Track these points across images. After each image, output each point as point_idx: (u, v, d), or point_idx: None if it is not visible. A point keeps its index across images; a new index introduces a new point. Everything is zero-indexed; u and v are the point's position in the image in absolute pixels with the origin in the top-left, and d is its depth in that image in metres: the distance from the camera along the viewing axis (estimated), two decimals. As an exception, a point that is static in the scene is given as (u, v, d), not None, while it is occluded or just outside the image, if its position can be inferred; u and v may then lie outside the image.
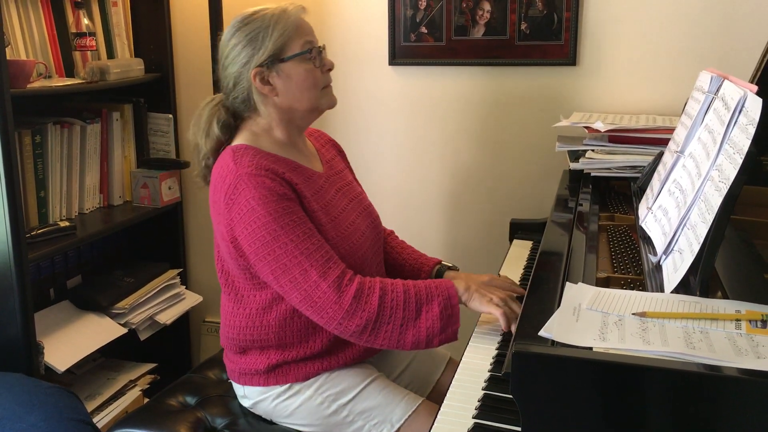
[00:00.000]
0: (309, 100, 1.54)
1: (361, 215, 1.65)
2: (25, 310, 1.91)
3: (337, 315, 1.40)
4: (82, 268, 2.42)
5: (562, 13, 2.17)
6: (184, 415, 1.62)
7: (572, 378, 0.80)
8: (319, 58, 1.54)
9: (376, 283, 1.44)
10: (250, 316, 1.54)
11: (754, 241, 1.55)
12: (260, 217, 1.41)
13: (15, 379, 1.81)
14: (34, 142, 2.09)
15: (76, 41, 2.23)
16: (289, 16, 1.52)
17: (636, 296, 1.02)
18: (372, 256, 1.64)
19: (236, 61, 1.52)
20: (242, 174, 1.43)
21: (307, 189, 1.51)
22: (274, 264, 1.42)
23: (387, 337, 1.42)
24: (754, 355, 0.82)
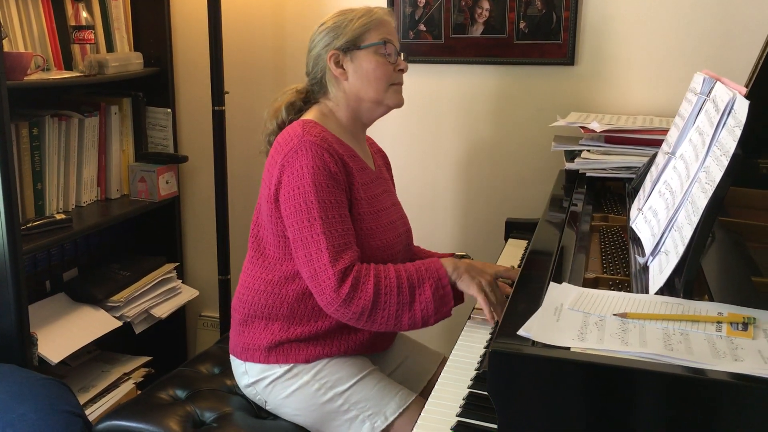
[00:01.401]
0: (375, 92, 1.61)
1: (400, 220, 1.73)
2: (18, 302, 1.92)
3: (335, 302, 1.45)
4: (79, 260, 2.43)
5: (561, 13, 2.16)
6: (174, 408, 1.62)
7: (548, 377, 0.80)
8: (394, 56, 1.62)
9: (370, 271, 1.48)
10: (270, 283, 1.59)
11: (748, 244, 1.55)
12: (305, 185, 1.47)
13: (7, 370, 1.82)
14: (31, 135, 2.10)
15: (75, 34, 2.23)
16: (375, 12, 1.64)
17: (619, 297, 1.02)
18: (401, 258, 1.69)
19: (319, 45, 1.64)
20: (307, 141, 1.50)
21: (360, 178, 1.59)
22: (299, 233, 1.48)
23: (384, 321, 1.47)
24: (731, 358, 0.81)
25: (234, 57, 2.50)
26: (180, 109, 2.61)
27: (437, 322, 1.49)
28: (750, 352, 0.83)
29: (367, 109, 1.65)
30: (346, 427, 1.56)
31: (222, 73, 2.34)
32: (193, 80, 2.58)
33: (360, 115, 1.66)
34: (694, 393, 0.76)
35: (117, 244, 2.59)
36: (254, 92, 2.54)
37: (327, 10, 2.38)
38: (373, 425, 1.53)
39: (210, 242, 2.56)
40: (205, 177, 2.59)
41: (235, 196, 2.59)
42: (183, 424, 1.57)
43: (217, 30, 2.30)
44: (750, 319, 0.92)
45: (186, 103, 2.61)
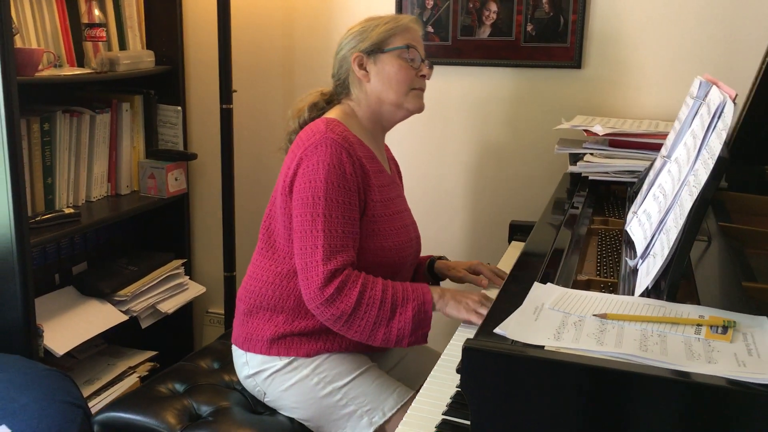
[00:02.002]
0: (396, 94, 1.65)
1: (412, 225, 1.76)
2: (25, 294, 1.95)
3: (318, 299, 1.48)
4: (88, 255, 2.46)
5: (569, 16, 2.16)
6: (172, 402, 1.65)
7: (517, 375, 0.80)
8: (416, 62, 1.66)
9: (359, 279, 1.50)
10: (278, 275, 1.61)
11: (748, 250, 1.54)
12: (318, 180, 1.51)
13: (12, 360, 1.85)
14: (42, 130, 2.13)
15: (87, 32, 2.27)
16: (401, 19, 1.69)
17: (603, 298, 1.02)
18: (409, 266, 1.73)
19: (345, 47, 1.69)
20: (329, 138, 1.54)
21: (376, 180, 1.62)
22: (300, 225, 1.52)
23: (359, 330, 1.50)
24: (705, 360, 0.81)
25: (243, 56, 2.53)
26: (190, 107, 2.64)
27: (411, 345, 1.52)
28: (725, 355, 0.83)
29: (387, 112, 1.68)
30: (344, 421, 1.57)
31: (230, 72, 2.36)
32: (204, 79, 2.61)
33: (380, 117, 1.70)
34: (659, 393, 0.76)
35: (126, 239, 2.62)
36: (262, 91, 2.57)
37: (335, 11, 2.41)
38: (371, 420, 1.55)
39: (218, 239, 2.59)
40: (214, 174, 2.62)
41: (242, 194, 2.61)
42: (179, 417, 1.59)
43: (226, 30, 2.33)
44: (730, 322, 0.91)
45: (196, 101, 2.64)
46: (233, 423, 1.56)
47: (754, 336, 0.89)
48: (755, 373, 0.78)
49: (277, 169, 2.55)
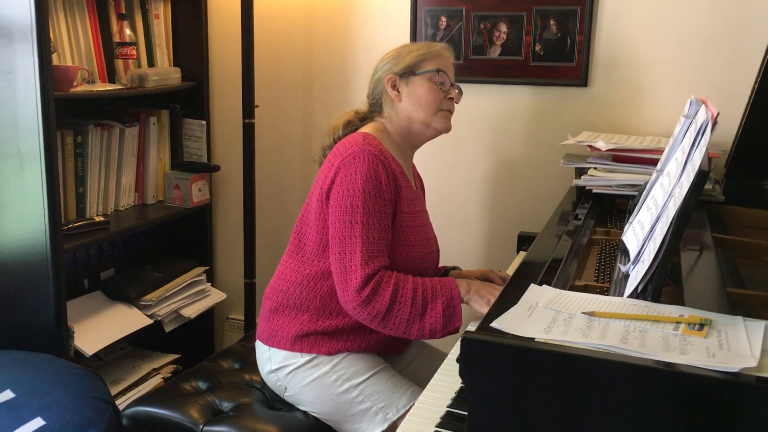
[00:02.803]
0: (425, 114, 1.77)
1: (433, 239, 1.87)
2: (58, 297, 2.06)
3: (355, 300, 1.59)
4: (116, 261, 2.58)
5: (575, 37, 2.26)
6: (195, 398, 1.75)
7: (508, 363, 0.90)
8: (446, 85, 1.78)
9: (391, 278, 1.60)
10: (306, 277, 1.71)
11: (741, 260, 1.63)
12: (356, 189, 1.62)
13: (46, 359, 1.96)
14: (75, 142, 2.26)
15: (119, 50, 2.40)
16: (434, 46, 1.81)
17: (593, 299, 1.11)
18: (431, 272, 1.83)
19: (381, 70, 1.82)
20: (366, 150, 1.65)
21: (406, 193, 1.72)
22: (339, 232, 1.62)
23: (394, 327, 1.60)
24: (679, 352, 0.90)
25: (264, 74, 2.65)
26: (214, 121, 2.76)
27: (444, 337, 1.61)
28: (698, 348, 0.92)
29: (416, 130, 1.80)
30: (360, 417, 1.67)
31: (253, 88, 2.48)
32: (227, 94, 2.73)
33: (410, 135, 1.81)
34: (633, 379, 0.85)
35: (151, 246, 2.74)
36: (282, 107, 2.68)
37: (352, 32, 2.53)
38: (386, 416, 1.64)
39: (239, 248, 2.70)
40: (236, 186, 2.73)
41: (263, 205, 2.73)
42: (203, 412, 1.69)
43: (249, 48, 2.45)
44: (707, 320, 1.00)
45: (219, 116, 2.76)
46: (253, 418, 1.66)
47: (728, 333, 0.97)
48: (721, 363, 0.86)
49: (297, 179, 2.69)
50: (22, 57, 1.91)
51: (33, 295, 2.06)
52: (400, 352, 1.89)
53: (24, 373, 1.85)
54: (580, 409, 0.89)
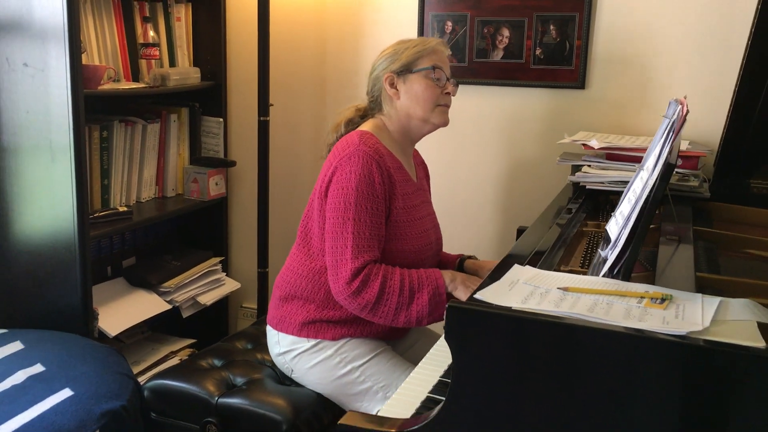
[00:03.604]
0: (423, 110, 1.84)
1: (433, 228, 1.95)
2: (84, 281, 2.20)
3: (345, 292, 1.69)
4: (137, 250, 2.73)
5: (574, 41, 2.38)
6: (211, 373, 1.89)
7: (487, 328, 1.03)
8: (442, 80, 1.84)
9: (380, 271, 1.70)
10: (312, 270, 1.82)
11: (722, 252, 1.74)
12: (349, 188, 1.71)
13: (73, 338, 2.11)
14: (101, 137, 2.41)
15: (143, 51, 2.55)
16: (430, 42, 1.87)
17: (570, 278, 1.24)
18: (429, 262, 1.92)
19: (378, 68, 1.88)
20: (361, 150, 1.73)
21: (401, 188, 1.81)
22: (332, 227, 1.72)
23: (383, 316, 1.70)
24: (637, 320, 1.02)
25: (279, 74, 2.79)
26: (231, 118, 2.90)
27: (431, 323, 1.73)
28: (656, 317, 1.04)
29: (415, 126, 1.87)
30: (362, 396, 1.79)
31: (268, 87, 2.62)
32: (243, 93, 2.87)
33: (409, 130, 1.89)
34: (592, 341, 0.98)
35: (170, 237, 2.89)
36: (296, 105, 2.82)
37: (363, 36, 2.66)
38: (386, 395, 1.76)
39: (253, 240, 2.84)
40: (251, 180, 2.87)
41: (276, 198, 2.86)
42: (218, 385, 1.83)
43: (265, 50, 2.59)
44: (668, 296, 1.12)
45: (236, 114, 2.91)
46: (264, 391, 1.79)
47: (686, 306, 1.09)
48: (672, 328, 0.99)
49: (309, 175, 2.83)
50: (55, 56, 2.05)
51: (61, 279, 2.20)
52: (401, 337, 2.00)
53: (53, 350, 1.99)
54: (547, 369, 1.01)
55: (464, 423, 1.06)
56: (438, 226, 2.01)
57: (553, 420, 1.02)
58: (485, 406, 1.05)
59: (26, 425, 1.61)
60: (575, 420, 1.01)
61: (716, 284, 1.40)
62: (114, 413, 1.75)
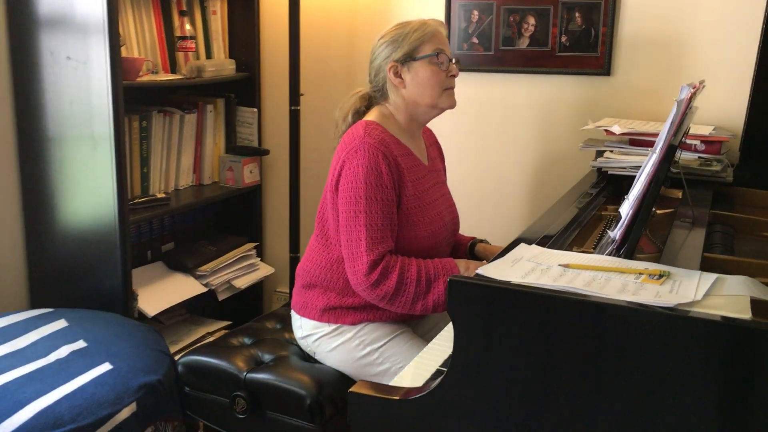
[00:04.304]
0: (430, 97, 1.85)
1: (447, 210, 1.98)
2: (124, 263, 2.31)
3: (364, 284, 1.74)
4: (175, 236, 2.84)
5: (599, 28, 2.40)
6: (241, 350, 1.98)
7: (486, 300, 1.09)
8: (446, 64, 1.84)
9: (397, 263, 1.74)
10: (330, 260, 1.88)
11: (740, 235, 1.76)
12: (357, 181, 1.74)
13: (113, 317, 2.22)
14: (141, 127, 2.52)
15: (180, 43, 2.65)
16: (429, 26, 1.85)
17: (574, 255, 1.28)
18: (445, 245, 1.95)
19: (380, 56, 1.87)
20: (366, 142, 1.76)
21: (410, 175, 1.84)
22: (345, 221, 1.76)
23: (401, 305, 1.75)
24: (631, 294, 1.07)
25: (310, 64, 2.86)
26: (264, 109, 2.99)
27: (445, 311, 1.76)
28: (650, 291, 1.08)
29: (423, 112, 1.89)
30: (380, 376, 1.84)
31: (298, 77, 2.70)
32: (276, 85, 2.95)
33: (417, 116, 1.90)
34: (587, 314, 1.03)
35: (207, 223, 3.00)
36: (326, 95, 2.90)
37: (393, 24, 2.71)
38: None
39: (286, 226, 2.93)
40: (283, 168, 2.96)
41: (308, 186, 2.95)
42: (247, 361, 1.92)
43: (295, 41, 2.67)
44: (665, 272, 1.16)
45: (270, 104, 3.00)
46: (289, 368, 1.87)
47: (682, 282, 1.13)
48: (662, 301, 1.03)
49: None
50: (96, 50, 2.16)
51: (103, 261, 2.32)
52: (420, 318, 2.02)
53: (94, 328, 2.10)
54: (542, 340, 1.06)
55: (464, 392, 1.12)
56: (453, 206, 2.03)
57: (549, 389, 1.07)
58: (484, 376, 1.11)
59: (68, 395, 1.72)
60: (569, 389, 1.06)
61: (725, 265, 1.43)
62: (150, 386, 1.84)
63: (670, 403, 1.00)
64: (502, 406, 1.10)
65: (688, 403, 0.99)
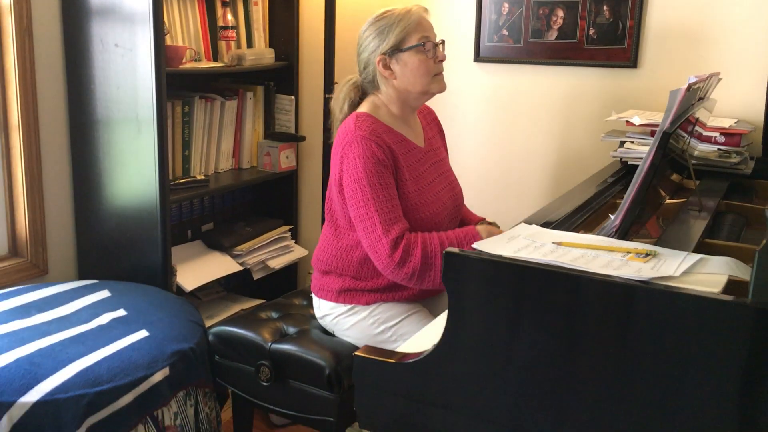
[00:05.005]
0: (421, 85, 1.90)
1: (446, 188, 2.03)
2: (164, 240, 2.45)
3: (390, 265, 1.81)
4: (214, 217, 2.99)
5: (627, 21, 2.44)
6: (268, 323, 2.10)
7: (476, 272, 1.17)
8: (432, 51, 1.88)
9: (418, 239, 1.81)
10: (340, 248, 1.97)
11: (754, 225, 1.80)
12: (358, 173, 1.81)
13: (153, 290, 2.36)
14: (183, 112, 2.65)
15: (222, 33, 2.78)
16: (412, 15, 1.89)
17: (569, 235, 1.35)
18: (447, 223, 2.01)
19: (367, 49, 1.93)
20: (358, 135, 1.83)
21: (405, 160, 1.91)
22: (356, 212, 1.84)
23: (430, 280, 1.81)
24: (613, 270, 1.14)
25: (345, 54, 2.95)
26: (302, 96, 3.10)
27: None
28: (633, 267, 1.15)
29: (414, 99, 1.95)
30: None
31: (333, 66, 2.80)
32: (313, 74, 3.06)
33: (409, 103, 1.96)
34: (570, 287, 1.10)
35: (244, 205, 3.13)
36: (363, 85, 2.99)
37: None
38: None
39: (319, 211, 3.04)
40: (318, 154, 3.06)
41: (343, 172, 3.04)
42: (272, 333, 2.03)
43: (331, 32, 2.77)
44: (652, 252, 1.23)
45: (307, 92, 3.11)
46: (311, 341, 1.98)
47: (667, 260, 1.20)
48: (639, 275, 1.10)
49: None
50: (141, 38, 2.30)
51: (145, 237, 2.47)
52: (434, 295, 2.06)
53: (135, 299, 2.25)
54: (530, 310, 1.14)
55: (457, 357, 1.21)
56: (454, 182, 2.06)
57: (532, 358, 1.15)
58: (475, 343, 1.19)
59: (107, 357, 1.86)
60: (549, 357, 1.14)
61: (725, 250, 1.47)
62: (183, 353, 1.98)
63: (638, 369, 1.07)
64: (489, 373, 1.18)
65: (651, 369, 1.06)
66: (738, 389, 1.02)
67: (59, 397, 1.72)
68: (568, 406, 1.12)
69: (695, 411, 1.04)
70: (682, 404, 1.04)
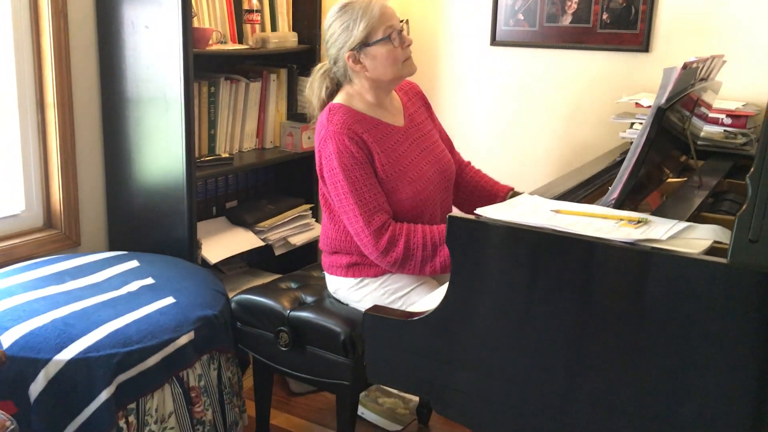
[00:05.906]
0: (392, 73, 1.97)
1: (430, 162, 2.09)
2: (191, 214, 2.55)
3: (374, 253, 1.92)
4: (238, 194, 3.10)
5: (639, 6, 2.50)
6: (287, 292, 2.20)
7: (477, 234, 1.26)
8: (398, 39, 1.94)
9: (402, 230, 1.90)
10: (339, 232, 2.07)
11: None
12: (335, 167, 1.90)
13: (179, 261, 2.48)
14: (209, 92, 2.76)
15: (247, 16, 2.88)
16: (373, 8, 1.92)
17: (569, 204, 1.43)
18: (436, 196, 2.07)
19: (335, 45, 1.99)
20: (330, 131, 1.92)
21: (381, 145, 1.96)
22: (338, 204, 1.95)
23: (411, 269, 1.92)
24: (604, 234, 1.22)
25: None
26: (324, 79, 3.19)
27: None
28: (623, 232, 1.23)
29: (387, 85, 2.01)
30: None
31: (354, 50, 2.89)
32: (336, 56, 3.15)
33: (382, 89, 2.01)
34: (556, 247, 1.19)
35: (267, 184, 3.24)
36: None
37: (441, 5, 2.86)
38: None
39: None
40: (340, 136, 3.16)
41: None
42: (291, 302, 2.14)
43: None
44: (644, 219, 1.31)
45: (329, 75, 3.19)
46: (327, 309, 2.09)
47: (657, 226, 1.27)
48: (627, 238, 1.18)
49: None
50: (170, 20, 2.40)
51: (172, 211, 2.58)
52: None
53: (162, 269, 2.37)
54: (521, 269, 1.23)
55: (458, 314, 1.30)
56: (441, 155, 2.09)
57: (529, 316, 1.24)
58: (475, 302, 1.28)
59: (136, 320, 1.98)
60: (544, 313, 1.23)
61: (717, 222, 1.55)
62: (207, 319, 2.09)
63: (623, 322, 1.15)
64: (488, 332, 1.28)
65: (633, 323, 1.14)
66: (714, 346, 1.10)
67: (92, 355, 1.84)
68: (554, 351, 1.21)
69: (672, 359, 1.12)
70: (661, 353, 1.13)
